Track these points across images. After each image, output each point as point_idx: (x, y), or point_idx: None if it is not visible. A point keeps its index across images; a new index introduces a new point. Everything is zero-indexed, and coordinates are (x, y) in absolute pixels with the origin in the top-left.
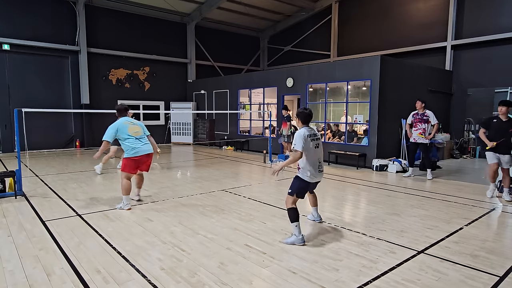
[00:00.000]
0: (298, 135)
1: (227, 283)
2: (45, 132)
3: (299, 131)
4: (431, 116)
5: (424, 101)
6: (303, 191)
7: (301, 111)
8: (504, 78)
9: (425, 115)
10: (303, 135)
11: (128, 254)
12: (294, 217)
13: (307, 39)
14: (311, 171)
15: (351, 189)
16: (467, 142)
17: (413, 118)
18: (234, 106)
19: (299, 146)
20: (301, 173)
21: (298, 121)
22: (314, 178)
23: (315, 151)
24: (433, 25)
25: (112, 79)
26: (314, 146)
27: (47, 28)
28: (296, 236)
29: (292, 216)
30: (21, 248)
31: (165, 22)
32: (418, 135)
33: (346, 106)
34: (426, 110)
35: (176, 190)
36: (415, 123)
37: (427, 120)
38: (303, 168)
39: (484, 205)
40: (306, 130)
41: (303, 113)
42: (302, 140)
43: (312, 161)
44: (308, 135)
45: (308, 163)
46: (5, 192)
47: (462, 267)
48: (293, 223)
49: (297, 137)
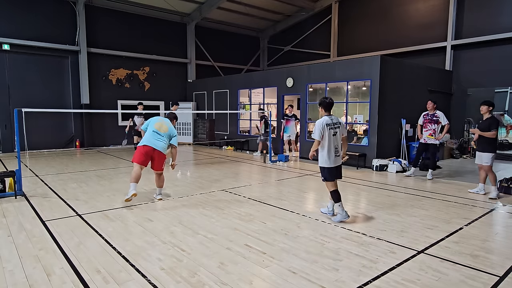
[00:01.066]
0: (317, 124)
1: (227, 283)
2: (45, 132)
3: (319, 120)
4: (442, 117)
5: (435, 102)
6: (330, 176)
7: (323, 100)
8: (504, 78)
9: (435, 116)
10: (321, 124)
11: (128, 254)
12: (335, 198)
13: (307, 39)
14: (327, 158)
15: (351, 189)
16: (467, 142)
17: (424, 118)
18: (234, 106)
19: (316, 135)
20: (320, 162)
21: (321, 109)
22: (332, 163)
23: (332, 138)
24: (433, 25)
25: (112, 79)
26: (332, 134)
27: (47, 28)
28: (341, 214)
29: (334, 197)
30: (21, 248)
31: (165, 22)
32: (428, 136)
33: (346, 106)
34: (437, 111)
35: (176, 190)
36: (425, 123)
37: (437, 121)
38: (321, 156)
39: (484, 205)
40: (326, 119)
41: (325, 102)
42: (320, 129)
43: (327, 148)
44: (326, 124)
45: (324, 150)
46: (5, 192)
47: (462, 267)
48: (336, 203)
49: (316, 126)
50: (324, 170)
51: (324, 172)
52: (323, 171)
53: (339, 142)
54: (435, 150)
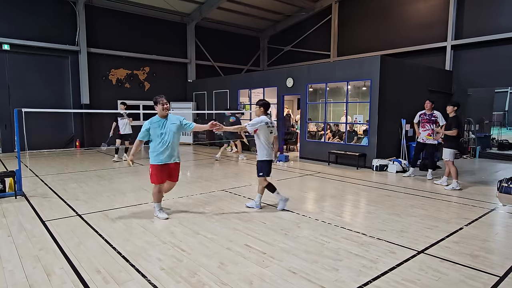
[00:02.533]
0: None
1: (227, 283)
2: (45, 132)
3: (259, 117)
4: (440, 117)
5: (434, 102)
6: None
7: (263, 102)
8: (504, 78)
9: (433, 116)
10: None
11: (128, 254)
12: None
13: (307, 39)
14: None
15: (351, 189)
16: (467, 142)
17: (420, 118)
18: (234, 106)
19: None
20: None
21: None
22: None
23: (269, 136)
24: (433, 25)
25: (112, 79)
26: (269, 132)
27: (47, 28)
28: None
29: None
30: (21, 248)
31: (165, 22)
32: (427, 137)
33: (346, 106)
34: (435, 111)
35: (176, 190)
36: (422, 123)
37: (435, 121)
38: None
39: (484, 205)
40: (264, 118)
41: (265, 103)
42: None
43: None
44: (266, 122)
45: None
46: (5, 192)
47: (462, 267)
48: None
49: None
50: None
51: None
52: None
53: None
54: (433, 150)
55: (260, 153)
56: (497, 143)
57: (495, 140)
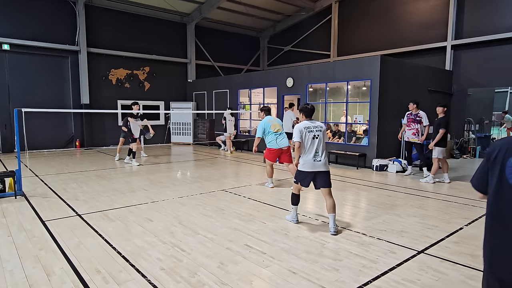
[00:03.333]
0: (296, 128)
1: (227, 283)
2: (45, 132)
3: (298, 124)
4: (424, 117)
5: (417, 102)
6: (303, 180)
7: (304, 107)
8: (504, 78)
9: (418, 116)
10: (300, 128)
11: (128, 254)
12: (293, 201)
13: (307, 39)
14: (305, 161)
15: (351, 189)
16: (467, 142)
17: (407, 117)
18: (234, 106)
19: (296, 138)
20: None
21: (302, 115)
22: (309, 168)
23: (312, 141)
24: (433, 25)
25: (112, 79)
26: (311, 137)
27: (47, 28)
28: (291, 215)
29: (292, 200)
30: (21, 248)
31: (165, 22)
32: (412, 135)
33: (346, 106)
34: (420, 111)
35: (176, 190)
36: (408, 123)
37: (419, 120)
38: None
39: (484, 205)
40: (306, 123)
41: (306, 108)
42: (299, 133)
43: (307, 152)
44: (305, 127)
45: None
46: (5, 192)
47: (462, 267)
48: (292, 206)
49: (295, 130)
50: (298, 173)
51: (298, 174)
52: (297, 173)
53: (320, 146)
54: (421, 149)
55: None
56: (447, 140)
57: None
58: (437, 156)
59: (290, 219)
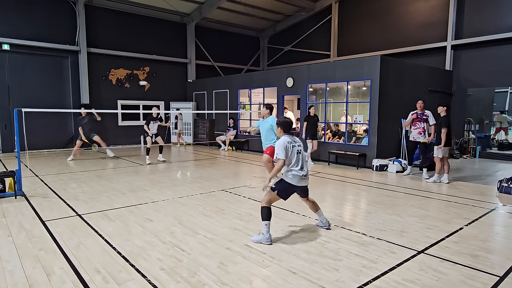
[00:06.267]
0: (279, 144)
1: (227, 283)
2: (45, 132)
3: (280, 140)
4: (430, 116)
5: (424, 101)
6: (286, 192)
7: (284, 121)
8: (504, 78)
9: (424, 115)
10: (284, 143)
11: (128, 254)
12: (265, 216)
13: (307, 39)
14: (294, 175)
15: (351, 189)
16: (467, 142)
17: (411, 116)
18: (234, 106)
19: (281, 155)
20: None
21: (281, 130)
22: (297, 182)
23: (297, 156)
24: (433, 25)
25: (112, 79)
26: (296, 152)
27: (47, 28)
28: (264, 235)
29: (264, 214)
30: (21, 248)
31: (165, 22)
32: (417, 135)
33: (346, 106)
34: (426, 110)
35: (176, 190)
36: (414, 122)
37: (426, 119)
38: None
39: (484, 205)
40: (287, 138)
41: (286, 123)
42: (284, 150)
43: (293, 165)
44: (289, 142)
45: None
46: (5, 192)
47: (462, 267)
48: (263, 222)
49: (279, 146)
50: (283, 184)
51: (283, 185)
52: (282, 183)
53: (305, 161)
54: (425, 148)
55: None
56: (497, 143)
57: (495, 140)
58: (437, 154)
59: (262, 240)
